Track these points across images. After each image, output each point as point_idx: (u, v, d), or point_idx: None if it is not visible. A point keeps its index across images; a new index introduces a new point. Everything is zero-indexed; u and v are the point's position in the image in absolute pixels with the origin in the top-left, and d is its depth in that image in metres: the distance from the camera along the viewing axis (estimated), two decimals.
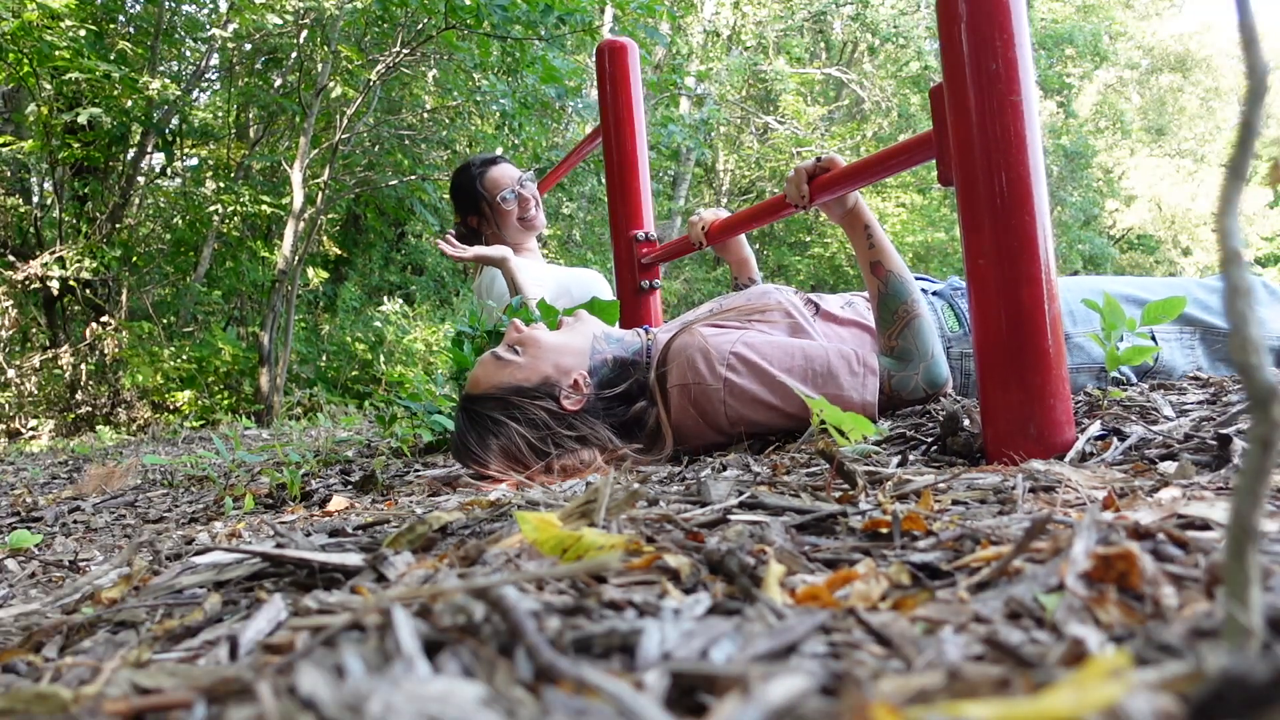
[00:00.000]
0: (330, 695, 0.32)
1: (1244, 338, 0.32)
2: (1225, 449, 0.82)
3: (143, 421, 7.23)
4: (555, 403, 1.42)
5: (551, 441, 1.39)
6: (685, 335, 1.42)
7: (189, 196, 8.33)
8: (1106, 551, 0.46)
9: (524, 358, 1.45)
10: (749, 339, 1.39)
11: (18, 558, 1.17)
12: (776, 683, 0.33)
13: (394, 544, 0.71)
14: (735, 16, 13.17)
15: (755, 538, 0.63)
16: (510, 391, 1.43)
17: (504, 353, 1.47)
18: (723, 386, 1.35)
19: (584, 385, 1.44)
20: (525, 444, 1.39)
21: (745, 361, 1.35)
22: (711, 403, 1.36)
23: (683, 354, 1.40)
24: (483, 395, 1.45)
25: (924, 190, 14.41)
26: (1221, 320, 1.52)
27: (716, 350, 1.37)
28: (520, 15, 5.97)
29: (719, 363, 1.36)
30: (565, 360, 1.45)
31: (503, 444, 1.40)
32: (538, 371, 1.44)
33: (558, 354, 1.46)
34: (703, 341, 1.39)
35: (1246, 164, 0.35)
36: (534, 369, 1.44)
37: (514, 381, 1.43)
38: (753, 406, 1.35)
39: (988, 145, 1.00)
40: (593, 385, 1.45)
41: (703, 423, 1.39)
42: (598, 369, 1.47)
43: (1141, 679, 0.31)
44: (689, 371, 1.38)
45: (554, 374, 1.44)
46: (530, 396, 1.42)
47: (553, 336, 1.49)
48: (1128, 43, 18.82)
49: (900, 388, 1.36)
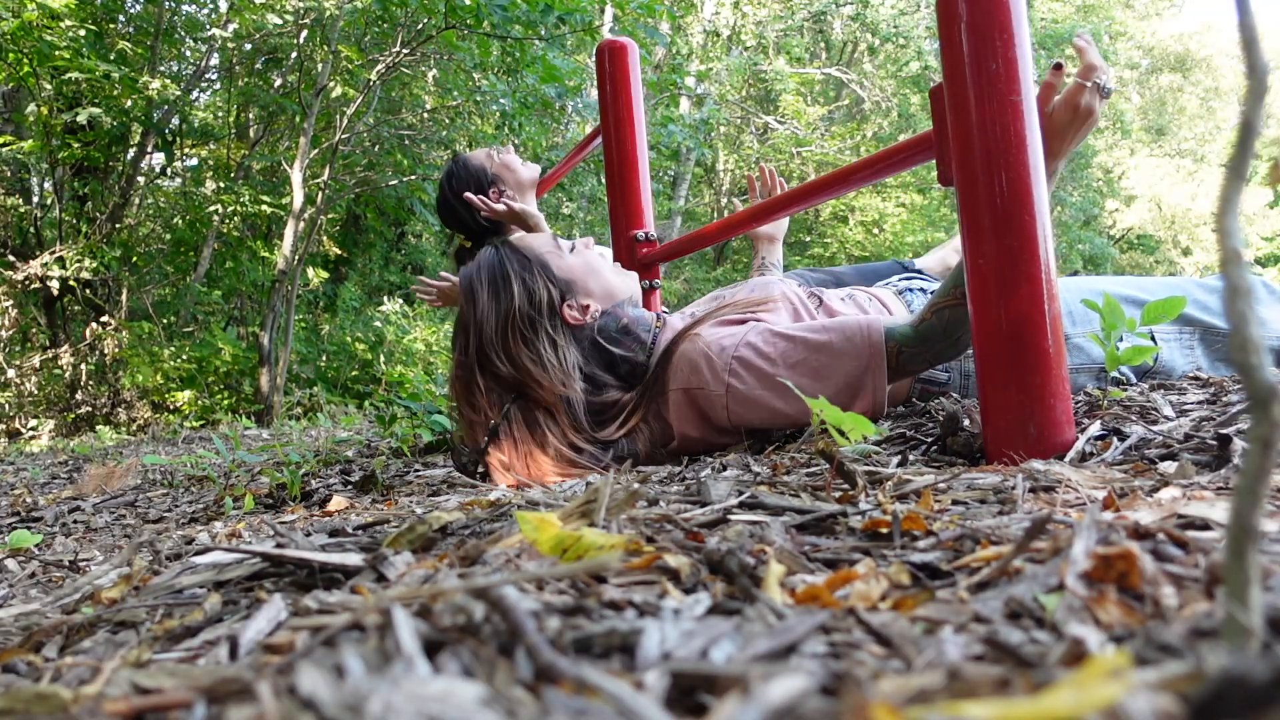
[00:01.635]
0: (330, 695, 0.32)
1: (1244, 338, 0.32)
2: (1225, 449, 0.82)
3: (143, 421, 7.23)
4: (560, 301, 1.45)
5: (531, 320, 1.42)
6: (687, 343, 1.42)
7: (189, 196, 8.33)
8: (1106, 551, 0.46)
9: (570, 256, 1.51)
10: (750, 338, 1.37)
11: (18, 558, 1.17)
12: (776, 683, 0.33)
13: (394, 544, 0.71)
14: (735, 16, 13.17)
15: (755, 538, 0.63)
16: (539, 261, 1.47)
17: (562, 242, 1.54)
18: (725, 392, 1.34)
19: (590, 316, 1.46)
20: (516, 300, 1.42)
21: (748, 365, 1.34)
22: (714, 407, 1.36)
23: (685, 359, 1.39)
24: (516, 246, 1.50)
25: (924, 190, 14.41)
26: (1221, 320, 1.52)
27: (719, 355, 1.36)
28: (520, 15, 5.97)
29: (722, 369, 1.35)
30: (594, 287, 1.49)
31: (499, 286, 1.44)
32: (570, 271, 1.48)
33: (595, 277, 1.50)
34: (704, 347, 1.38)
35: (1246, 164, 0.35)
36: (569, 267, 1.48)
37: (548, 259, 1.48)
38: (756, 410, 1.34)
39: (988, 145, 0.99)
40: (597, 325, 1.46)
41: (706, 424, 1.39)
42: (611, 318, 1.48)
43: (1141, 679, 0.31)
44: (692, 376, 1.37)
45: (579, 285, 1.47)
46: (549, 278, 1.45)
47: (604, 266, 1.53)
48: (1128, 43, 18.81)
49: (909, 364, 1.29)
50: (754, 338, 1.37)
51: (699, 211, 14.11)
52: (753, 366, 1.34)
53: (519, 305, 1.42)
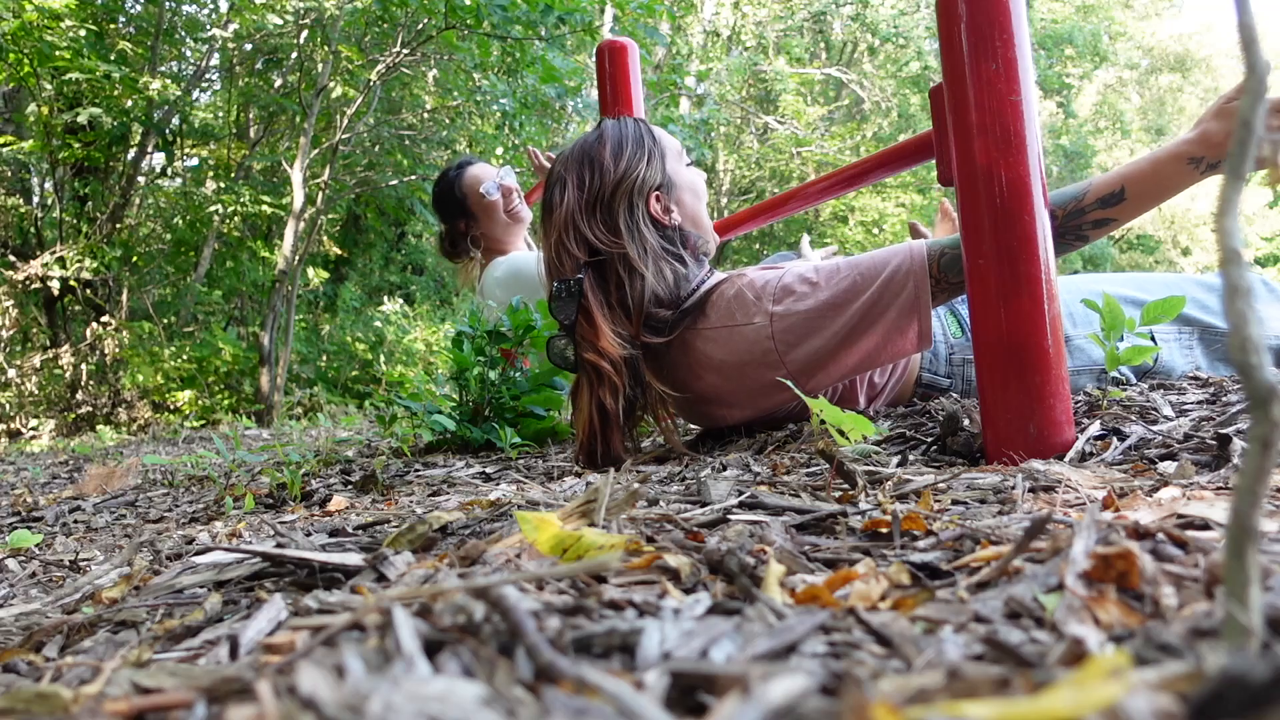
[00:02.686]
0: (330, 695, 0.32)
1: (1244, 337, 0.32)
2: (1225, 449, 0.82)
3: (143, 421, 7.23)
4: (655, 186, 1.43)
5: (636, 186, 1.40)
6: (728, 284, 1.41)
7: (189, 196, 8.32)
8: (1106, 551, 0.46)
9: (686, 169, 1.50)
10: (795, 269, 1.37)
11: (18, 557, 1.17)
12: (776, 682, 0.33)
13: (394, 544, 0.71)
14: (735, 16, 13.17)
15: (755, 538, 0.63)
16: (660, 148, 1.46)
17: (684, 155, 1.52)
18: (769, 322, 1.33)
19: (669, 219, 1.44)
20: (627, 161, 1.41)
21: (790, 291, 1.33)
22: (759, 339, 1.34)
23: (729, 297, 1.39)
24: (649, 125, 1.49)
25: (924, 190, 14.40)
26: (1219, 320, 1.52)
27: (764, 287, 1.36)
28: (520, 15, 5.97)
29: (767, 298, 1.34)
30: (688, 205, 1.48)
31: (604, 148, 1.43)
32: (680, 174, 1.47)
33: (694, 196, 1.49)
34: (748, 284, 1.38)
35: (1246, 164, 0.35)
36: (680, 172, 1.47)
37: (668, 153, 1.47)
38: (804, 337, 1.31)
39: (988, 145, 1.00)
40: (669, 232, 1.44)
41: (744, 370, 1.37)
42: (687, 236, 1.47)
43: (1141, 679, 0.31)
44: (737, 312, 1.36)
45: (678, 188, 1.46)
46: (654, 164, 1.44)
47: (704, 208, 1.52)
48: (1127, 43, 18.82)
49: (949, 269, 1.26)
50: (798, 268, 1.38)
51: None
52: (794, 291, 1.33)
53: (623, 172, 1.40)
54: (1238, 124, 0.35)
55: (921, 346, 1.28)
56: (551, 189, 1.46)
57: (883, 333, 1.28)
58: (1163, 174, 1.19)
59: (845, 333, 1.29)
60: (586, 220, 1.40)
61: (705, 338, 1.39)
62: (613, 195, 1.40)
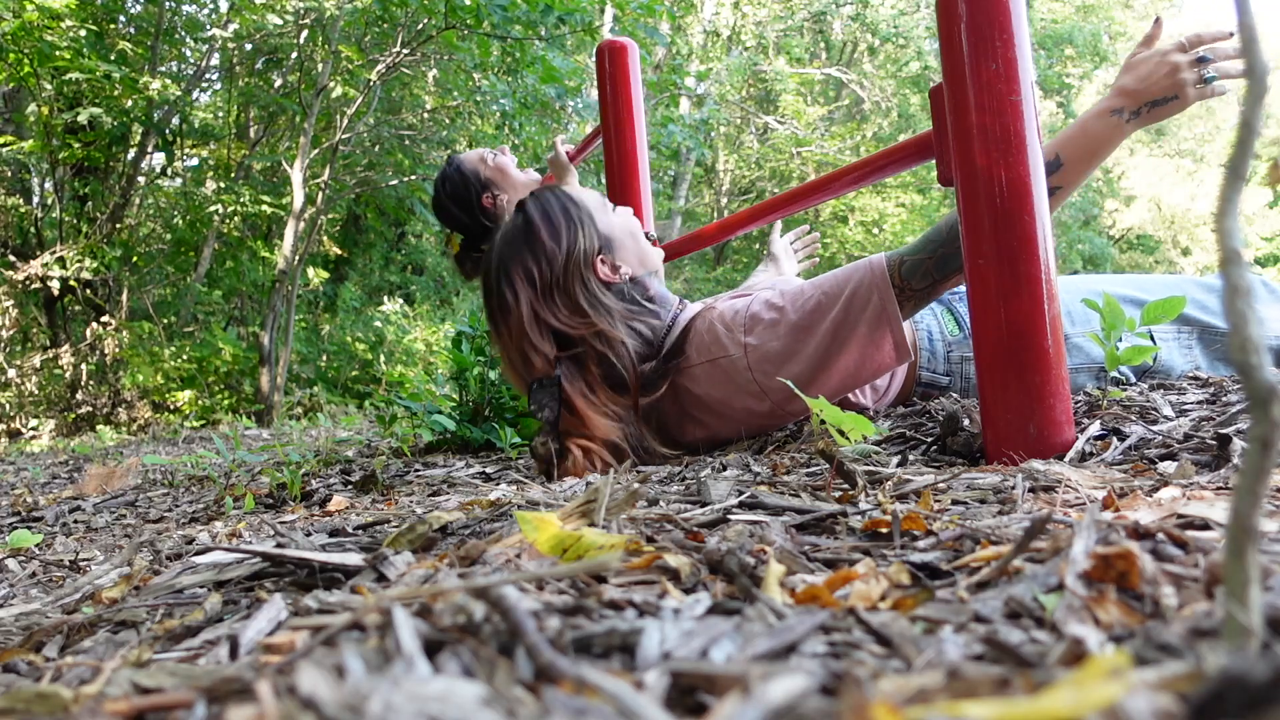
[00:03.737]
0: (330, 695, 0.32)
1: (1243, 337, 0.32)
2: (1225, 449, 0.82)
3: (143, 421, 7.23)
4: (595, 252, 1.42)
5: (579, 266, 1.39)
6: (701, 320, 1.41)
7: (189, 196, 8.33)
8: (1106, 551, 0.46)
9: (615, 215, 1.49)
10: (761, 297, 1.37)
11: (18, 557, 1.17)
12: (776, 682, 0.33)
13: (394, 544, 0.71)
14: (735, 16, 13.17)
15: (755, 538, 0.63)
16: (584, 211, 1.45)
17: (608, 203, 1.51)
18: (744, 353, 1.33)
19: (620, 276, 1.43)
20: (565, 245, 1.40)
21: (758, 319, 1.33)
22: (738, 371, 1.34)
23: (706, 333, 1.39)
24: (565, 193, 1.47)
25: (924, 190, 14.41)
26: (1219, 320, 1.52)
27: (734, 318, 1.36)
28: (520, 15, 5.97)
29: (738, 329, 1.34)
30: (630, 252, 1.46)
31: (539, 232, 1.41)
32: (613, 231, 1.46)
33: (634, 242, 1.48)
34: (719, 316, 1.38)
35: (1246, 164, 0.35)
36: (611, 223, 1.46)
37: (594, 211, 1.46)
38: (780, 364, 1.31)
39: (988, 145, 1.00)
40: (625, 288, 1.44)
41: (736, 399, 1.37)
42: (642, 283, 1.46)
43: (1141, 679, 0.31)
44: (714, 346, 1.37)
45: (616, 242, 1.45)
46: (588, 229, 1.42)
47: (640, 232, 1.51)
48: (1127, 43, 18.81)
49: (911, 276, 1.25)
50: (764, 295, 1.38)
51: (699, 211, 14.11)
52: (762, 319, 1.33)
53: (567, 247, 1.39)
54: (1238, 124, 0.35)
55: (901, 359, 1.27)
56: (497, 293, 1.43)
57: (858, 350, 1.27)
58: (1091, 132, 1.24)
59: (820, 355, 1.28)
60: (549, 310, 1.39)
61: (691, 376, 1.39)
62: (566, 275, 1.39)
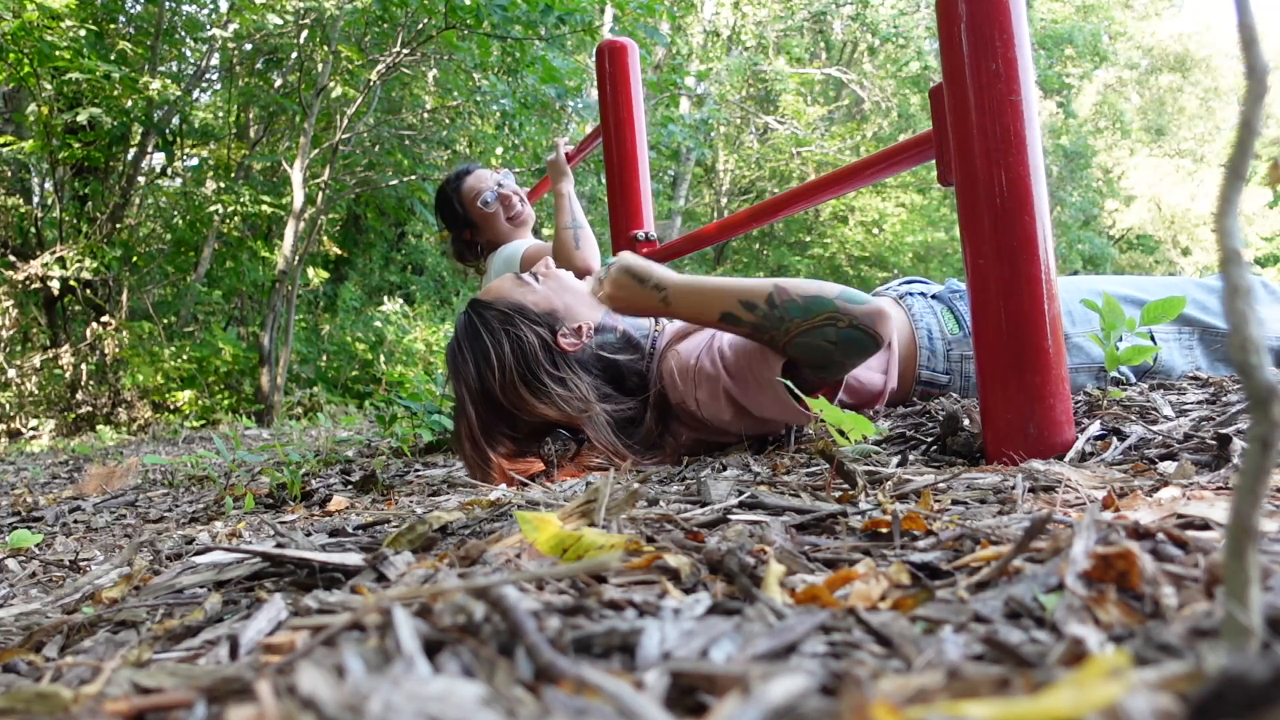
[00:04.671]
0: (330, 695, 0.32)
1: (1244, 337, 0.32)
2: (1225, 449, 0.82)
3: (143, 421, 7.23)
4: (552, 335, 1.42)
5: (531, 370, 1.38)
6: (666, 360, 1.42)
7: (189, 196, 8.33)
8: (1106, 551, 0.46)
9: (542, 286, 1.48)
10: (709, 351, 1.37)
11: (18, 557, 1.17)
12: (776, 682, 0.33)
13: (394, 544, 0.71)
14: (735, 16, 13.17)
15: (755, 538, 0.63)
16: (514, 307, 1.44)
17: (525, 277, 1.50)
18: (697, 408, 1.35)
19: (586, 334, 1.43)
20: (508, 360, 1.38)
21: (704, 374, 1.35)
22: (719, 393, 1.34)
23: (668, 374, 1.40)
24: (489, 303, 1.46)
25: (924, 190, 14.41)
26: (1220, 320, 1.52)
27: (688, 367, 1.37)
28: (520, 15, 5.97)
29: (689, 381, 1.36)
30: (579, 306, 1.46)
31: (488, 351, 1.40)
32: (549, 302, 1.45)
33: (575, 297, 1.47)
34: (677, 361, 1.39)
35: (1246, 164, 0.35)
36: (546, 298, 1.46)
37: (521, 300, 1.45)
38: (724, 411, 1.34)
39: (988, 145, 0.99)
40: (595, 341, 1.44)
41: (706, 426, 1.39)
42: (606, 329, 1.46)
43: (1141, 679, 0.31)
44: (674, 390, 1.38)
45: (562, 311, 1.45)
46: (530, 319, 1.42)
47: (576, 282, 1.50)
48: (1127, 43, 18.83)
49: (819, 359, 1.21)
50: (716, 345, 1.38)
51: (699, 211, 14.11)
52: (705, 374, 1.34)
53: (511, 361, 1.38)
54: (1238, 124, 0.35)
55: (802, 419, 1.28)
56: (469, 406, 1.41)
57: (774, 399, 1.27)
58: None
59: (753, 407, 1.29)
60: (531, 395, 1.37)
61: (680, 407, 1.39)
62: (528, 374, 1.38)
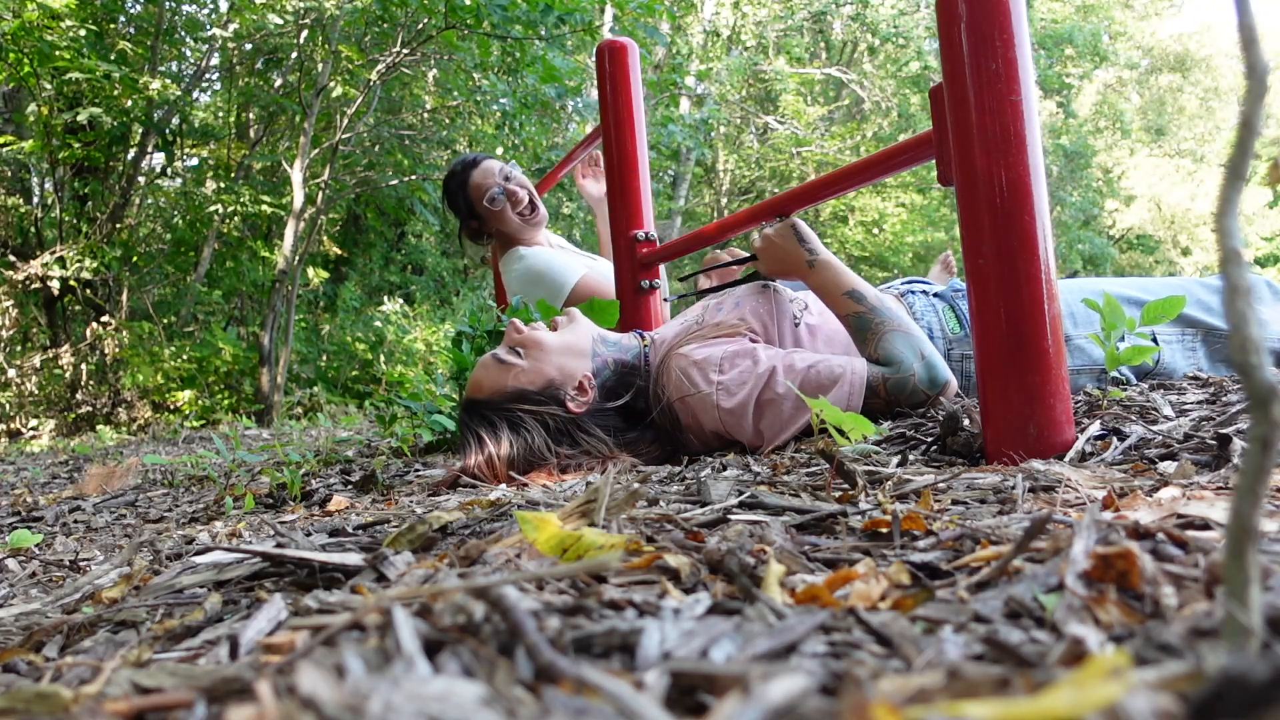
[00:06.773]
0: (330, 695, 0.32)
1: (1244, 337, 0.32)
2: (1225, 449, 0.82)
3: (143, 421, 7.23)
4: (561, 407, 1.39)
5: (554, 447, 1.36)
6: (672, 360, 1.42)
7: (189, 196, 8.32)
8: (1106, 551, 0.46)
9: (526, 360, 1.42)
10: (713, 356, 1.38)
11: (18, 557, 1.17)
12: (776, 682, 0.33)
13: (394, 544, 0.71)
14: (735, 16, 13.16)
15: (755, 538, 0.63)
16: (514, 397, 1.39)
17: (505, 355, 1.43)
18: (714, 391, 1.35)
19: (589, 387, 1.41)
20: (529, 449, 1.36)
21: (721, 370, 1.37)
22: (706, 407, 1.36)
23: (675, 372, 1.40)
24: (486, 400, 1.41)
25: (924, 190, 14.40)
26: (1223, 321, 1.52)
27: (704, 362, 1.38)
28: (520, 15, 5.97)
29: (711, 369, 1.36)
30: (569, 363, 1.42)
31: (506, 450, 1.36)
32: (542, 375, 1.41)
33: (561, 356, 1.43)
34: (689, 360, 1.39)
35: (1246, 164, 0.35)
36: (538, 372, 1.41)
37: (518, 386, 1.40)
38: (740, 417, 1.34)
39: (988, 145, 0.99)
40: (596, 387, 1.42)
41: (703, 430, 1.39)
42: (600, 371, 1.44)
43: (1141, 678, 0.31)
44: (685, 384, 1.38)
45: (558, 377, 1.41)
46: (535, 402, 1.38)
47: (554, 337, 1.45)
48: (1127, 43, 18.81)
49: (897, 391, 1.30)
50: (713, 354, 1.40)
51: (699, 211, 14.10)
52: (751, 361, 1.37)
53: (534, 443, 1.36)
54: (1238, 123, 0.35)
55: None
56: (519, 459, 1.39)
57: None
58: None
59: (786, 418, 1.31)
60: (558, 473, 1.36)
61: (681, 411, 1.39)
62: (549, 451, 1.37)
